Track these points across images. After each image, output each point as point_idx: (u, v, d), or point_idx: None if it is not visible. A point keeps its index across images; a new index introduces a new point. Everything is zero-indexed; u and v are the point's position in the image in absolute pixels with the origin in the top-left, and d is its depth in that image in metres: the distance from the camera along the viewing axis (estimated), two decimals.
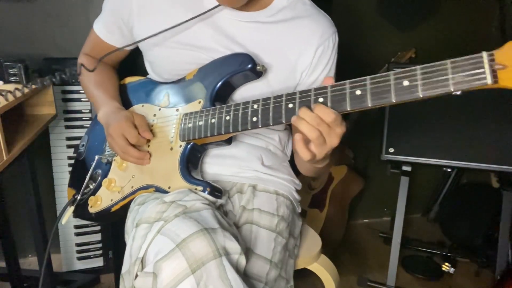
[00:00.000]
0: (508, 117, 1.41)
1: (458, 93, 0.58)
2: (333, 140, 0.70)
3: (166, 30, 0.85)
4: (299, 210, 1.04)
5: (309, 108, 0.69)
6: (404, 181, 1.61)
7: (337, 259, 1.38)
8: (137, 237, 0.72)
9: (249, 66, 0.83)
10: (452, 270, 1.75)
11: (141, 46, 0.97)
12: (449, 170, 2.07)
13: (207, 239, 0.65)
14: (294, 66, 0.90)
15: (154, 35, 0.86)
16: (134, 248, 0.72)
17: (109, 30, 0.99)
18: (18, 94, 1.05)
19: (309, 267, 1.01)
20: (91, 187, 1.01)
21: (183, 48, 0.90)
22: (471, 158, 1.43)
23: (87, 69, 0.88)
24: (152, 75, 1.02)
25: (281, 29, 0.90)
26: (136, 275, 0.68)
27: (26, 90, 1.09)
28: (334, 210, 1.81)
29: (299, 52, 0.90)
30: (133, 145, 0.89)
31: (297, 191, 1.04)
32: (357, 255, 1.95)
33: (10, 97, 1.02)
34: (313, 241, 1.06)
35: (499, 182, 1.89)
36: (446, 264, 1.77)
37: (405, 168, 1.60)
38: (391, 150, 1.51)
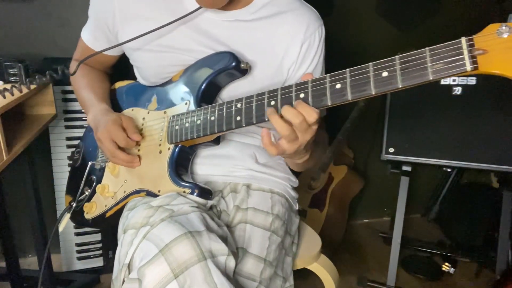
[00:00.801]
0: (508, 117, 1.42)
1: (458, 92, 0.58)
2: (307, 136, 0.70)
3: (145, 34, 0.84)
4: (297, 207, 1.04)
5: (291, 105, 0.69)
6: (404, 181, 1.61)
7: (337, 259, 1.38)
8: (124, 243, 0.72)
9: (233, 64, 0.82)
10: (452, 270, 1.75)
11: (126, 51, 0.96)
12: (449, 170, 2.07)
13: (191, 242, 0.65)
14: (280, 62, 0.89)
15: (134, 38, 0.85)
16: (122, 254, 0.72)
17: (95, 37, 0.98)
18: (18, 93, 1.05)
19: (309, 267, 1.01)
20: (87, 193, 1.01)
21: (166, 51, 0.89)
22: (471, 158, 1.44)
23: (68, 72, 0.87)
24: (140, 79, 1.02)
25: (265, 25, 0.88)
26: (123, 281, 0.68)
27: (26, 90, 1.09)
28: (334, 210, 1.81)
29: (285, 47, 0.88)
30: (123, 148, 0.89)
31: (294, 188, 1.03)
32: (357, 255, 1.95)
33: (11, 95, 1.02)
34: (313, 241, 1.06)
35: (499, 182, 1.89)
36: (446, 264, 1.77)
37: (405, 168, 1.60)
38: (391, 150, 1.51)
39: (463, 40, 0.54)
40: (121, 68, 1.10)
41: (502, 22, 0.53)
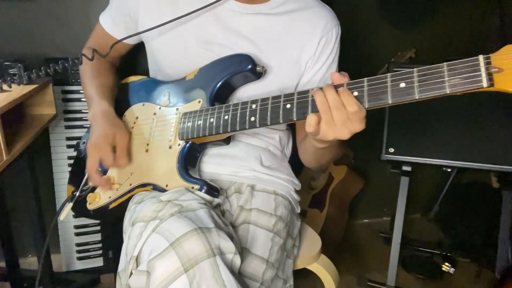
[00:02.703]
0: (508, 117, 1.41)
1: (459, 93, 0.58)
2: (344, 132, 0.67)
3: (168, 22, 0.85)
4: (298, 211, 1.04)
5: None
6: (404, 181, 1.61)
7: (337, 259, 1.37)
8: (132, 236, 0.72)
9: (249, 67, 0.83)
10: (452, 270, 1.75)
11: (144, 38, 0.97)
12: (449, 170, 2.06)
13: (201, 238, 0.65)
14: (298, 56, 0.92)
15: (156, 27, 0.86)
16: (130, 247, 0.72)
17: (115, 23, 0.99)
18: (18, 93, 1.05)
19: (309, 267, 1.01)
20: (90, 184, 1.01)
21: (185, 41, 0.91)
22: (471, 158, 1.43)
23: (87, 57, 0.87)
24: (152, 69, 1.03)
25: (284, 20, 0.91)
26: (131, 273, 0.69)
27: (25, 89, 1.09)
28: (334, 210, 1.81)
29: (303, 43, 0.91)
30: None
31: (297, 191, 1.04)
32: (357, 255, 1.95)
33: (8, 87, 1.01)
34: (313, 241, 1.06)
35: (499, 182, 1.89)
36: (446, 264, 1.77)
37: (405, 168, 1.60)
38: (391, 150, 1.51)
39: (481, 57, 0.56)
40: (131, 63, 1.11)
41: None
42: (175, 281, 0.63)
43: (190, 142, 0.87)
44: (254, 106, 0.76)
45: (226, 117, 0.80)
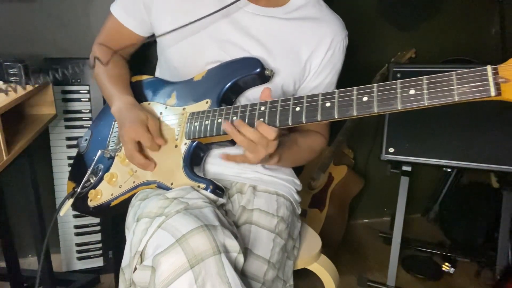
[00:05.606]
0: (508, 117, 1.41)
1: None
2: (270, 149, 0.77)
3: (189, 24, 0.87)
4: (299, 212, 1.04)
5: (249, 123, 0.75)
6: (404, 181, 1.61)
7: (337, 259, 1.37)
8: (137, 231, 0.72)
9: (258, 70, 0.85)
10: (452, 270, 1.75)
11: (156, 31, 0.97)
12: (449, 170, 2.06)
13: (207, 235, 0.65)
14: (304, 63, 0.93)
15: (177, 29, 0.87)
16: (134, 242, 0.72)
17: (128, 14, 0.98)
18: (18, 93, 1.05)
19: (309, 267, 1.01)
20: (92, 181, 1.01)
21: (199, 38, 0.91)
22: (471, 158, 1.43)
23: (101, 62, 0.87)
24: (161, 66, 1.03)
25: (296, 26, 0.92)
26: (135, 269, 0.69)
27: (26, 90, 1.09)
28: (334, 210, 1.81)
29: (311, 51, 0.93)
30: (141, 149, 0.90)
31: (298, 192, 1.04)
32: (357, 255, 1.95)
33: (14, 92, 1.01)
34: (313, 241, 1.06)
35: (499, 182, 1.88)
36: (446, 264, 1.77)
37: (405, 168, 1.60)
38: (391, 150, 1.51)
39: (489, 68, 0.58)
40: (138, 58, 1.12)
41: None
42: (181, 277, 0.63)
43: (196, 142, 0.88)
44: (263, 108, 0.76)
45: (234, 118, 0.80)
